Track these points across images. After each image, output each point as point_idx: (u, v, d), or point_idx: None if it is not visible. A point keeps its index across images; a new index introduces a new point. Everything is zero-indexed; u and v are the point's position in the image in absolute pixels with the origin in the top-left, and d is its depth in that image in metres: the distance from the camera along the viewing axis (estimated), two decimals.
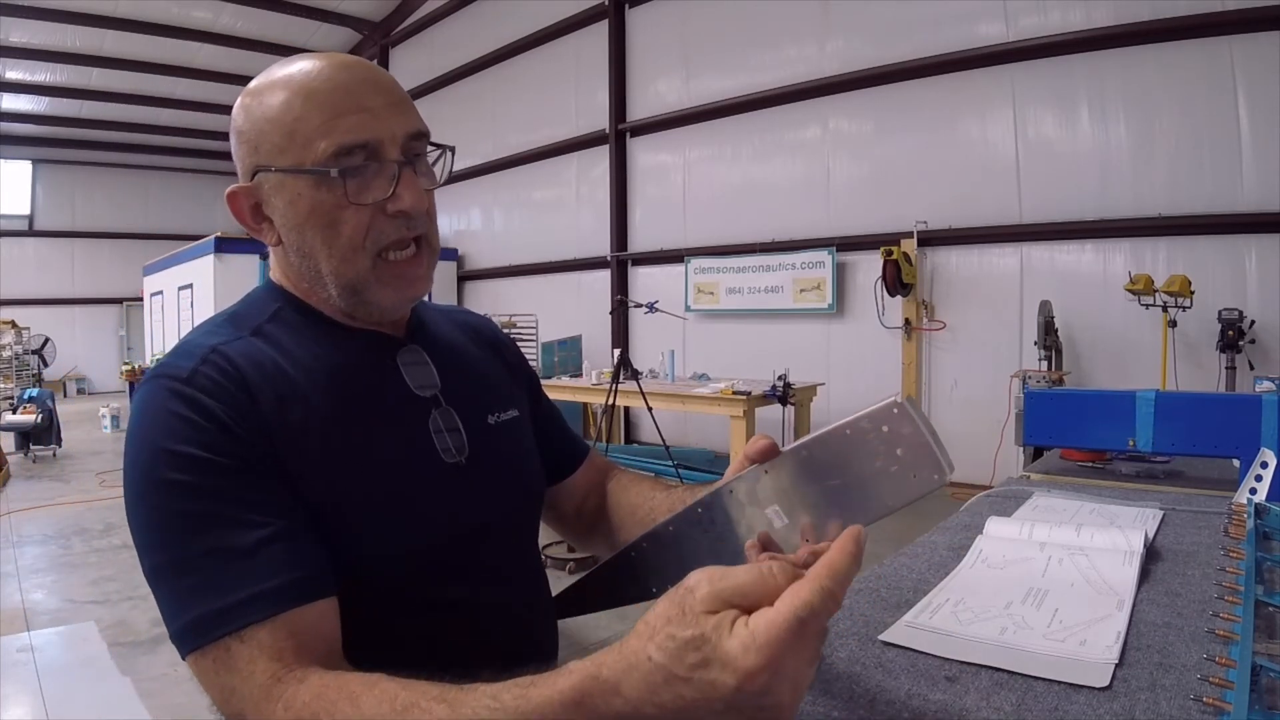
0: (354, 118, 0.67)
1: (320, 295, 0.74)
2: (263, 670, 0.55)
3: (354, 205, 0.68)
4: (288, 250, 0.72)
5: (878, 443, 0.58)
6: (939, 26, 5.88)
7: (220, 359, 0.66)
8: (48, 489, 6.44)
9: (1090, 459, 1.70)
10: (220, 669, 0.56)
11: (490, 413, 0.82)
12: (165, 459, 0.61)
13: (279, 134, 0.68)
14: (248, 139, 0.70)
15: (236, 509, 0.60)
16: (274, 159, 0.68)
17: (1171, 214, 4.94)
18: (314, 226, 0.69)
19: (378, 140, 0.68)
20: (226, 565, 0.58)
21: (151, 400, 0.64)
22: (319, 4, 10.97)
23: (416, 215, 0.71)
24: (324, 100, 0.67)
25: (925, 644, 0.76)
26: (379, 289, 0.71)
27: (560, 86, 9.05)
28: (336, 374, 0.71)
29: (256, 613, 0.57)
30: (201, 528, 0.59)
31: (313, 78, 0.68)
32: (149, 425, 0.63)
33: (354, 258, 0.70)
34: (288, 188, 0.69)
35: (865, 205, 6.43)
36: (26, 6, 9.77)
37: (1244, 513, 1.03)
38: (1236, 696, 0.60)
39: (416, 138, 0.71)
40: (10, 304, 13.71)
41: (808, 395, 5.68)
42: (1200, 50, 4.81)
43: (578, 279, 9.01)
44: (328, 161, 0.66)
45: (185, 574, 0.59)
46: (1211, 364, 4.73)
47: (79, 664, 3.09)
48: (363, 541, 0.68)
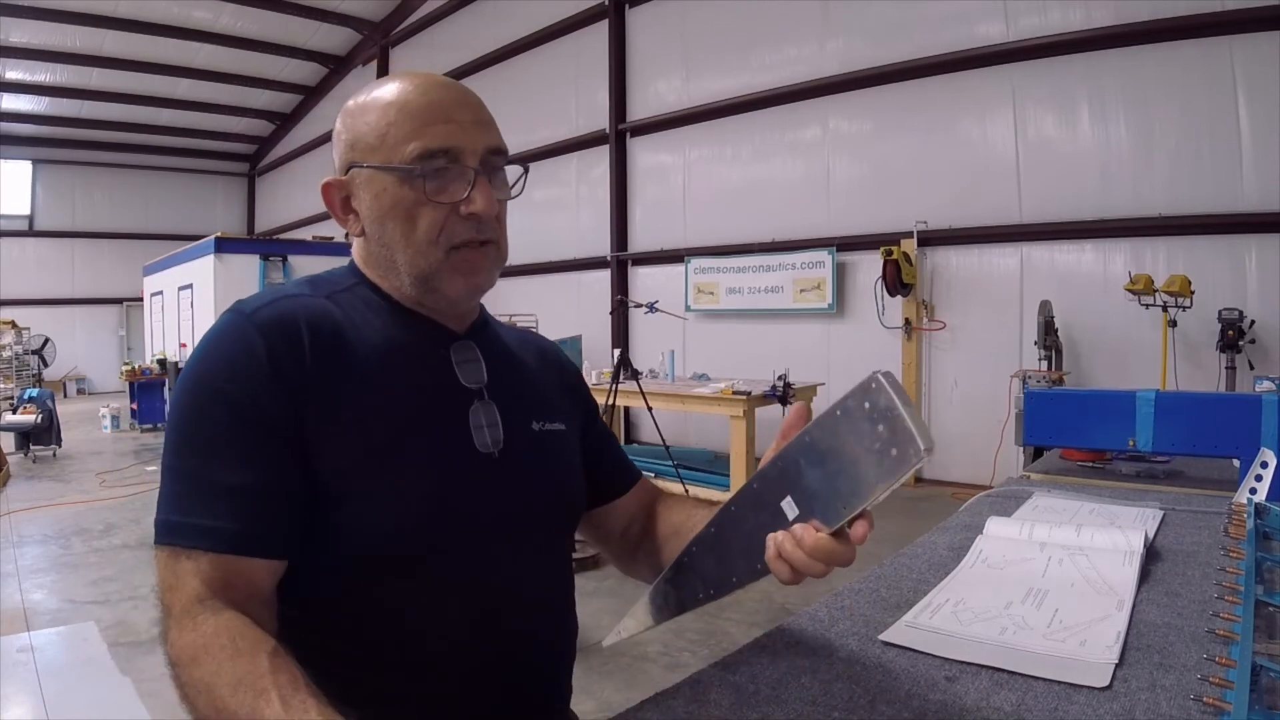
0: (441, 127, 0.75)
1: (393, 283, 0.80)
2: (191, 588, 0.64)
3: (431, 203, 0.75)
4: (369, 240, 0.80)
5: (863, 420, 0.59)
6: (939, 26, 5.88)
7: (286, 306, 0.74)
8: (48, 489, 6.44)
9: (1090, 459, 1.70)
10: (167, 567, 0.66)
11: (535, 419, 0.85)
12: (201, 380, 0.70)
13: (374, 136, 0.76)
14: (346, 140, 0.79)
15: (233, 449, 0.68)
16: (366, 156, 0.76)
17: (1171, 214, 4.95)
18: (394, 219, 0.76)
19: (459, 149, 0.75)
20: (203, 492, 0.67)
21: (217, 329, 0.73)
22: (319, 4, 10.97)
23: (487, 219, 0.77)
24: (416, 111, 0.75)
25: (925, 644, 0.76)
26: (449, 278, 0.77)
27: (560, 86, 9.06)
28: (388, 349, 0.77)
29: (204, 543, 0.65)
30: (200, 452, 0.68)
31: (410, 93, 0.76)
32: (205, 348, 0.72)
33: (428, 250, 0.76)
34: (375, 182, 0.76)
35: (865, 205, 6.43)
36: (26, 6, 9.77)
37: (1244, 513, 1.03)
38: (1236, 696, 0.60)
39: (496, 153, 0.78)
40: (10, 304, 13.70)
41: (808, 395, 5.67)
42: (1200, 50, 4.81)
43: (578, 279, 9.02)
44: (412, 162, 0.74)
45: (176, 480, 0.68)
46: (1211, 364, 4.73)
47: (79, 664, 3.09)
48: (380, 503, 0.71)
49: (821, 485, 0.63)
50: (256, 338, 0.70)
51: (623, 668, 2.93)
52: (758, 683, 0.71)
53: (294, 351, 0.71)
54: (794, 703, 0.67)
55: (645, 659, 3.02)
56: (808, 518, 0.64)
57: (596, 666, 2.94)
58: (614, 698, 2.66)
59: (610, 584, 3.91)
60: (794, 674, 0.72)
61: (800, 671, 0.72)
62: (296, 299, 0.76)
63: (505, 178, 0.81)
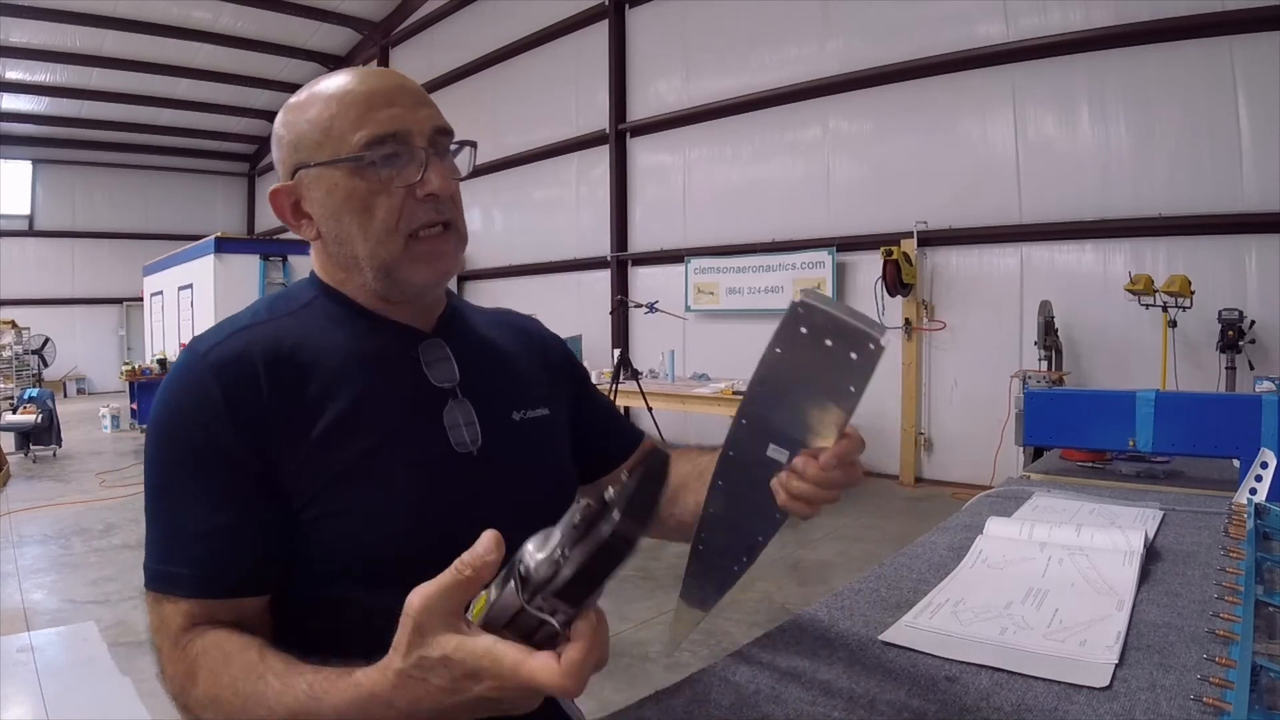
0: (385, 112, 0.74)
1: (356, 282, 0.79)
2: (176, 625, 0.66)
3: (386, 190, 0.74)
4: (326, 241, 0.78)
5: (808, 346, 0.60)
6: (939, 26, 5.88)
7: (239, 343, 0.73)
8: (48, 489, 6.44)
9: (1090, 459, 1.70)
10: (154, 611, 0.68)
11: (515, 409, 0.84)
12: (163, 429, 0.71)
13: (318, 133, 0.75)
14: (289, 142, 0.77)
15: (201, 495, 0.68)
16: (313, 155, 0.75)
17: (1171, 214, 4.95)
18: (350, 212, 0.75)
19: (406, 131, 0.74)
20: (176, 539, 0.68)
21: (175, 372, 0.73)
22: (319, 4, 10.97)
23: (444, 198, 0.76)
24: (357, 100, 0.74)
25: (925, 644, 0.76)
26: (411, 266, 0.76)
27: (560, 86, 9.06)
28: (355, 360, 0.76)
29: (179, 590, 0.67)
30: (171, 500, 0.69)
31: (347, 84, 0.76)
32: (166, 394, 0.72)
33: (388, 240, 0.75)
34: (326, 179, 0.75)
35: (865, 205, 6.43)
36: (26, 6, 9.77)
37: (1244, 513, 1.03)
38: (1236, 696, 0.60)
39: (442, 133, 0.77)
40: (10, 304, 13.70)
41: None
42: (1200, 50, 4.81)
43: (578, 279, 9.02)
44: (361, 150, 0.73)
45: (153, 526, 0.70)
46: (1211, 364, 4.73)
47: (79, 664, 3.09)
48: (359, 516, 0.70)
49: (797, 419, 0.64)
50: (211, 380, 0.70)
51: (623, 668, 2.93)
52: (758, 683, 0.71)
53: (250, 388, 0.70)
54: (794, 703, 0.67)
55: (645, 659, 3.02)
56: (799, 452, 0.65)
57: None
58: (614, 698, 2.66)
59: (610, 584, 3.91)
60: (794, 674, 0.72)
61: (800, 671, 0.72)
62: (251, 330, 0.75)
63: (453, 159, 0.80)
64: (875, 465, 6.48)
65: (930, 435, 6.16)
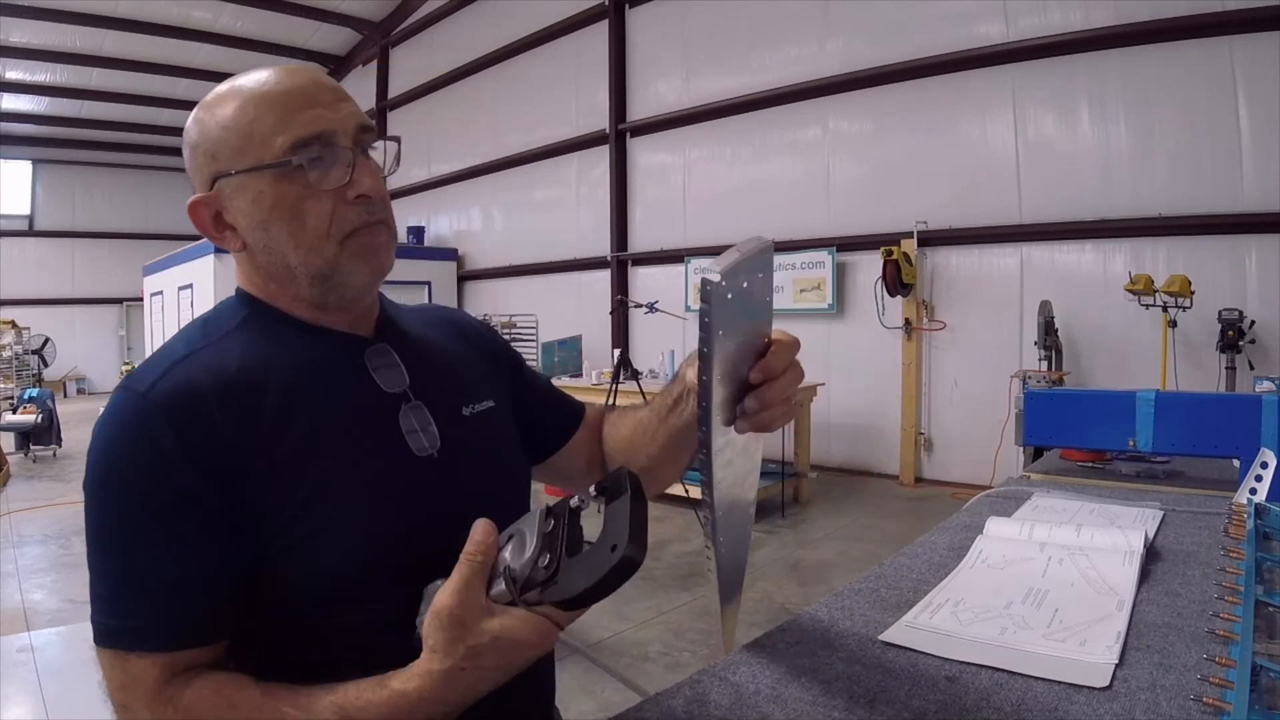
0: (307, 113, 0.70)
1: (289, 293, 0.75)
2: (152, 678, 0.63)
3: (315, 195, 0.70)
4: (253, 252, 0.74)
5: (739, 303, 0.62)
6: (939, 26, 5.88)
7: (182, 374, 0.68)
8: (48, 489, 6.44)
9: (1090, 459, 1.70)
10: (115, 667, 0.64)
11: (464, 405, 0.83)
12: (109, 476, 0.65)
13: (237, 138, 0.70)
14: (204, 149, 0.73)
15: (157, 543, 0.64)
16: (233, 163, 0.71)
17: (1171, 214, 4.95)
18: (279, 220, 0.71)
19: (331, 131, 0.71)
20: (131, 592, 0.64)
21: (114, 413, 0.67)
22: (319, 4, 10.97)
23: (376, 198, 0.73)
24: (277, 101, 0.70)
25: (925, 644, 0.76)
26: (349, 266, 0.73)
27: (560, 86, 9.05)
28: (303, 376, 0.73)
29: (147, 645, 0.63)
30: (125, 550, 0.64)
31: (264, 84, 0.72)
32: (105, 438, 0.66)
33: (321, 245, 0.72)
34: (249, 188, 0.71)
35: (865, 205, 6.43)
36: (26, 6, 9.77)
37: (1244, 513, 1.03)
38: (1236, 696, 0.60)
39: (365, 130, 0.74)
40: (10, 304, 13.71)
41: (808, 395, 5.67)
42: (1200, 50, 4.81)
43: (578, 279, 9.01)
44: (287, 154, 0.69)
45: (102, 580, 0.65)
46: (1211, 364, 4.73)
47: (79, 664, 3.08)
48: (333, 536, 0.68)
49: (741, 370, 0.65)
50: (158, 420, 0.64)
51: (623, 668, 2.93)
52: (758, 683, 0.71)
53: (203, 422, 0.65)
54: (794, 703, 0.67)
55: (645, 659, 3.02)
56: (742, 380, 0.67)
57: (597, 666, 2.94)
58: (614, 698, 2.66)
59: None
60: (794, 674, 0.72)
61: (800, 671, 0.72)
62: (190, 360, 0.70)
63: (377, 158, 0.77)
64: (875, 465, 6.48)
65: (930, 435, 6.16)
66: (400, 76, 11.77)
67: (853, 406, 6.50)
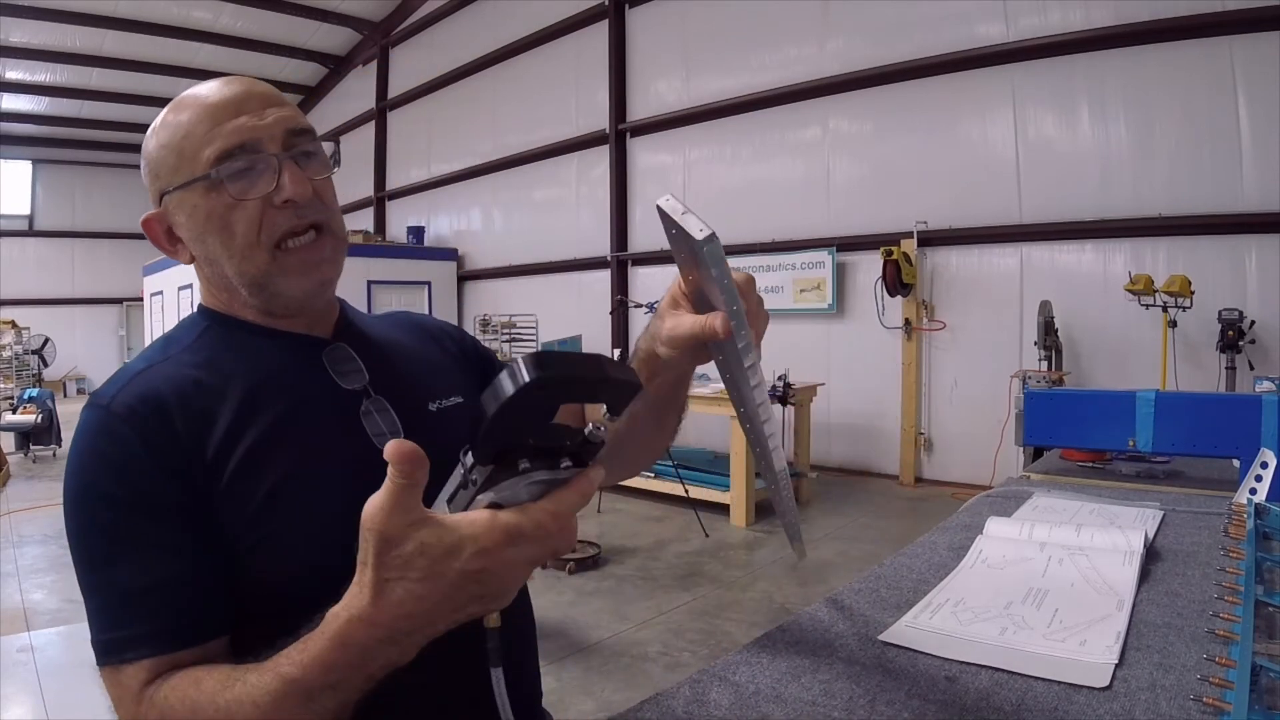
0: (232, 123, 0.72)
1: (238, 300, 0.77)
2: (138, 683, 0.63)
3: (240, 204, 0.72)
4: (200, 264, 0.77)
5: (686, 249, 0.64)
6: (939, 26, 5.88)
7: (142, 385, 0.70)
8: (48, 489, 6.44)
9: (1090, 459, 1.70)
10: (112, 683, 0.64)
11: (430, 400, 0.83)
12: (80, 491, 0.66)
13: (173, 155, 0.73)
14: (150, 168, 0.76)
15: (133, 551, 0.64)
16: (172, 179, 0.73)
17: (1171, 214, 4.95)
18: (212, 232, 0.73)
19: (255, 140, 0.72)
20: (118, 602, 0.64)
21: (81, 430, 0.69)
22: (319, 4, 10.98)
23: (303, 202, 0.73)
24: (205, 114, 0.72)
25: (925, 644, 0.76)
26: (283, 279, 0.74)
27: (560, 86, 9.06)
28: (262, 380, 0.74)
29: (134, 652, 0.63)
30: (104, 563, 0.65)
31: (196, 98, 0.74)
32: (76, 454, 0.68)
33: (251, 254, 0.73)
34: (187, 201, 0.73)
35: (865, 205, 6.43)
36: (26, 6, 9.77)
37: (1244, 513, 1.03)
38: (1236, 696, 0.60)
39: (298, 134, 0.74)
40: (10, 304, 13.71)
41: (808, 395, 5.68)
42: (1200, 50, 4.81)
43: (578, 279, 9.02)
44: (212, 166, 0.71)
45: (90, 596, 0.66)
46: (1211, 364, 4.73)
47: (79, 664, 3.08)
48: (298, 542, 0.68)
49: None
50: (123, 428, 0.66)
51: (623, 668, 2.93)
52: (758, 683, 0.71)
53: (165, 428, 0.67)
54: (794, 703, 0.66)
55: (645, 659, 3.02)
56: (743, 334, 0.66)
57: (596, 666, 2.94)
58: (614, 698, 2.66)
59: (610, 584, 3.92)
60: (794, 674, 0.72)
61: (800, 671, 0.72)
62: (150, 371, 0.72)
63: (323, 158, 0.77)
64: (875, 465, 6.48)
65: (930, 435, 6.16)
66: (400, 76, 11.77)
67: (853, 406, 6.50)
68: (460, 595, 0.50)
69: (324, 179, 0.77)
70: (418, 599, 0.49)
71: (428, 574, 0.49)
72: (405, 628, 0.51)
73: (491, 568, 0.49)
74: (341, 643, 0.52)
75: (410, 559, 0.49)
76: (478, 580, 0.50)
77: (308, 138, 0.76)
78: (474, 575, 0.49)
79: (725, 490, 5.09)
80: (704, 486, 5.25)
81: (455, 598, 0.50)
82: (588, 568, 4.09)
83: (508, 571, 0.50)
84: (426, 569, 0.49)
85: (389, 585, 0.49)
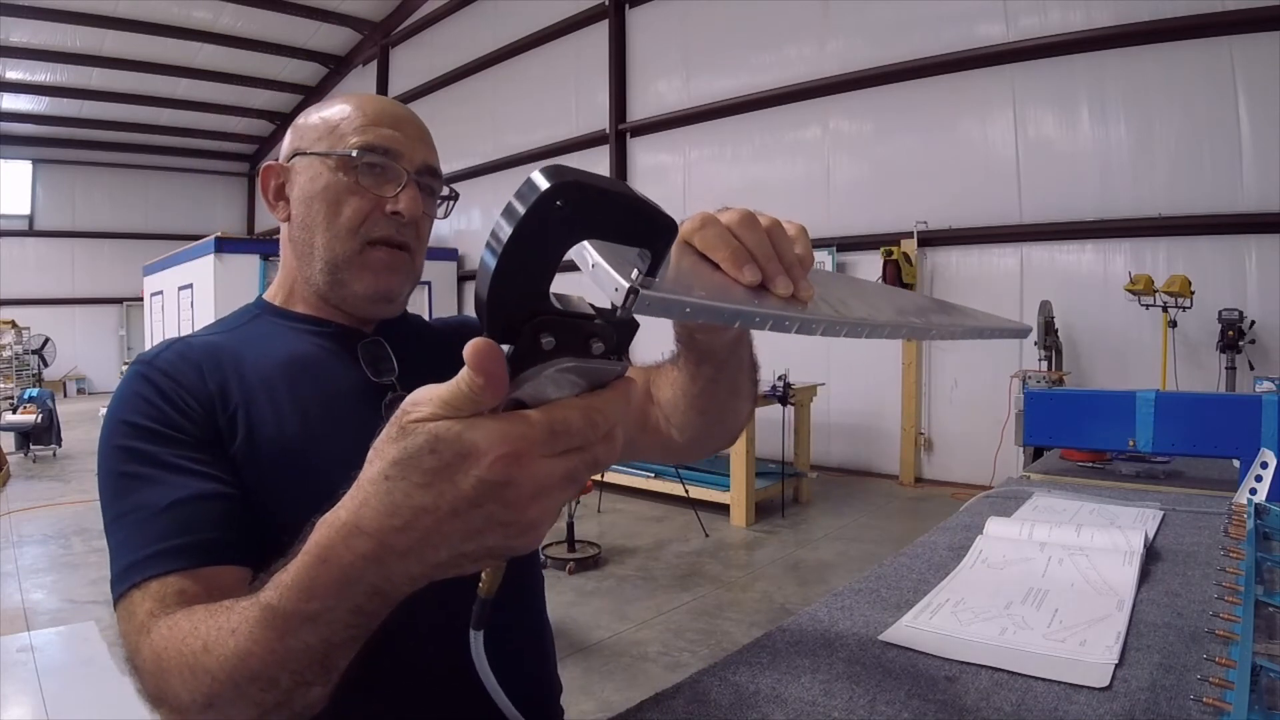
0: (388, 130, 0.79)
1: (304, 275, 0.82)
2: (145, 612, 0.60)
3: (359, 193, 0.78)
4: (293, 224, 0.82)
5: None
6: (939, 27, 5.88)
7: (182, 345, 0.77)
8: (48, 489, 6.44)
9: (1090, 459, 1.70)
10: (124, 618, 0.62)
11: None
12: (117, 428, 0.70)
13: (324, 128, 0.80)
14: (298, 131, 0.83)
15: (161, 470, 0.67)
16: (311, 145, 0.80)
17: (1171, 214, 4.95)
18: (322, 201, 0.79)
19: (399, 152, 0.79)
20: (141, 523, 0.64)
21: (123, 381, 0.75)
22: (319, 4, 10.98)
23: (409, 220, 0.79)
24: (368, 113, 0.80)
25: (925, 644, 0.76)
26: (357, 272, 0.80)
27: (560, 86, 9.06)
28: (292, 363, 0.78)
29: (152, 568, 0.61)
30: (130, 488, 0.66)
31: (368, 98, 0.83)
32: (115, 401, 0.73)
33: (346, 237, 0.79)
34: (313, 167, 0.80)
35: (865, 205, 6.43)
36: (26, 6, 9.77)
37: (1244, 513, 1.03)
38: (1236, 696, 0.60)
39: (431, 172, 0.82)
40: (10, 304, 13.70)
41: (808, 395, 5.68)
42: (1200, 50, 4.81)
43: (578, 279, 9.01)
44: (354, 149, 0.78)
45: (115, 531, 0.66)
46: (1211, 364, 4.73)
47: (79, 664, 3.09)
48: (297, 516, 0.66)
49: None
50: (158, 374, 0.72)
51: (623, 668, 2.93)
52: (758, 683, 0.71)
53: (194, 378, 0.73)
54: (794, 703, 0.67)
55: (645, 659, 3.02)
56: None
57: (597, 666, 2.94)
58: (614, 698, 2.66)
59: (610, 584, 3.92)
60: (794, 674, 0.72)
61: (800, 671, 0.72)
62: (192, 338, 0.79)
63: (437, 201, 0.85)
64: (875, 465, 6.48)
65: (930, 435, 6.16)
66: (400, 76, 11.77)
67: (853, 406, 6.49)
68: (475, 516, 0.39)
69: (429, 217, 0.84)
70: (417, 509, 0.39)
71: (435, 476, 0.38)
72: (398, 545, 0.40)
73: (519, 479, 0.38)
74: (321, 557, 0.43)
75: (415, 455, 0.38)
76: (499, 498, 0.38)
77: (438, 181, 0.84)
78: (496, 489, 0.38)
79: (725, 490, 5.09)
80: (704, 486, 5.25)
81: (469, 518, 0.39)
82: (588, 568, 4.09)
83: (539, 490, 0.39)
84: (434, 470, 0.38)
85: (387, 483, 0.40)
